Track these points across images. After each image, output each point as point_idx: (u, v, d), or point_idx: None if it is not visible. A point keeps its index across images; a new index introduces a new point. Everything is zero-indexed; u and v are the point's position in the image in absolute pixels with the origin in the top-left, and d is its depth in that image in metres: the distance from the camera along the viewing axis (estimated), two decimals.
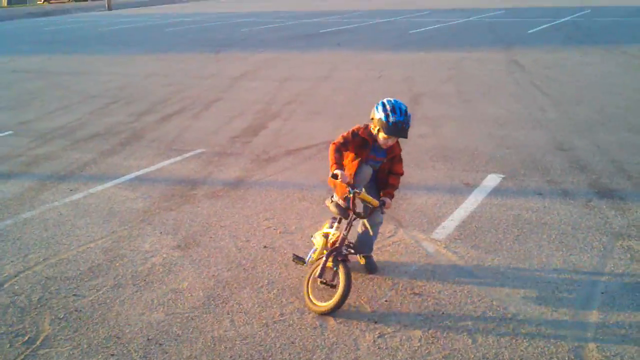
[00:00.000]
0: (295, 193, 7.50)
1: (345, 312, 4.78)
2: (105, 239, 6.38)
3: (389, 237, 6.15)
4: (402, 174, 5.22)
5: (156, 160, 9.12)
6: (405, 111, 4.77)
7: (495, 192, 7.25)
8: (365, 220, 5.14)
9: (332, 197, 5.20)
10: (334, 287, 4.79)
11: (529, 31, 23.45)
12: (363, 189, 5.05)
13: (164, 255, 5.94)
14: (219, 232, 6.44)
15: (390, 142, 4.91)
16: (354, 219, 4.99)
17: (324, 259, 4.89)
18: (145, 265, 5.74)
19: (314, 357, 4.23)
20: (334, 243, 5.04)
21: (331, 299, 4.72)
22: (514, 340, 4.34)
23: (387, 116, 4.73)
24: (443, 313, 4.78)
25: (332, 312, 4.69)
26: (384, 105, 4.80)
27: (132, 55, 22.04)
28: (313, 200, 7.22)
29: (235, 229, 6.51)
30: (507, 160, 8.38)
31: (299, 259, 5.29)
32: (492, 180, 7.64)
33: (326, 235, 5.23)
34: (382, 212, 5.14)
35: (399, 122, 4.72)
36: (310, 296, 4.89)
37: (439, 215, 6.64)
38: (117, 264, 5.80)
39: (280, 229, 6.44)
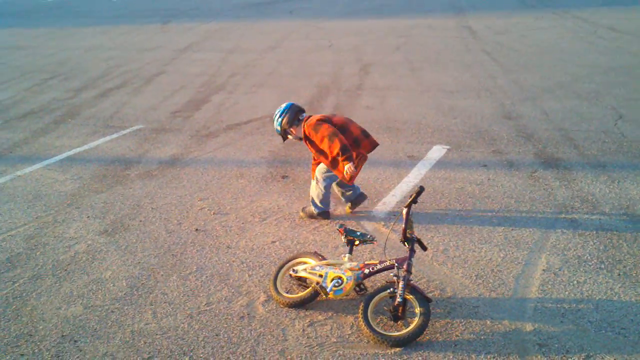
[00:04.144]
0: (233, 170, 7.17)
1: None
2: (28, 226, 5.98)
3: None
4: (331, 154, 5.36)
5: (91, 139, 8.68)
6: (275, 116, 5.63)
7: (440, 164, 7.03)
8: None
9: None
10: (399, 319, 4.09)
11: None
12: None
13: (89, 242, 5.58)
14: (149, 215, 6.10)
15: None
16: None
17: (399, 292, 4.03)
18: (68, 254, 5.38)
19: (238, 350, 3.95)
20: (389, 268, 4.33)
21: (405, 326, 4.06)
22: (449, 325, 4.13)
23: None
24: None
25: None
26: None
27: (75, 27, 21.22)
28: (251, 178, 6.91)
29: (167, 211, 6.17)
30: (453, 131, 8.17)
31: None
32: (437, 151, 7.42)
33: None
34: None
35: None
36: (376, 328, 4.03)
37: (381, 191, 6.40)
38: (38, 253, 5.42)
39: (215, 210, 6.12)
